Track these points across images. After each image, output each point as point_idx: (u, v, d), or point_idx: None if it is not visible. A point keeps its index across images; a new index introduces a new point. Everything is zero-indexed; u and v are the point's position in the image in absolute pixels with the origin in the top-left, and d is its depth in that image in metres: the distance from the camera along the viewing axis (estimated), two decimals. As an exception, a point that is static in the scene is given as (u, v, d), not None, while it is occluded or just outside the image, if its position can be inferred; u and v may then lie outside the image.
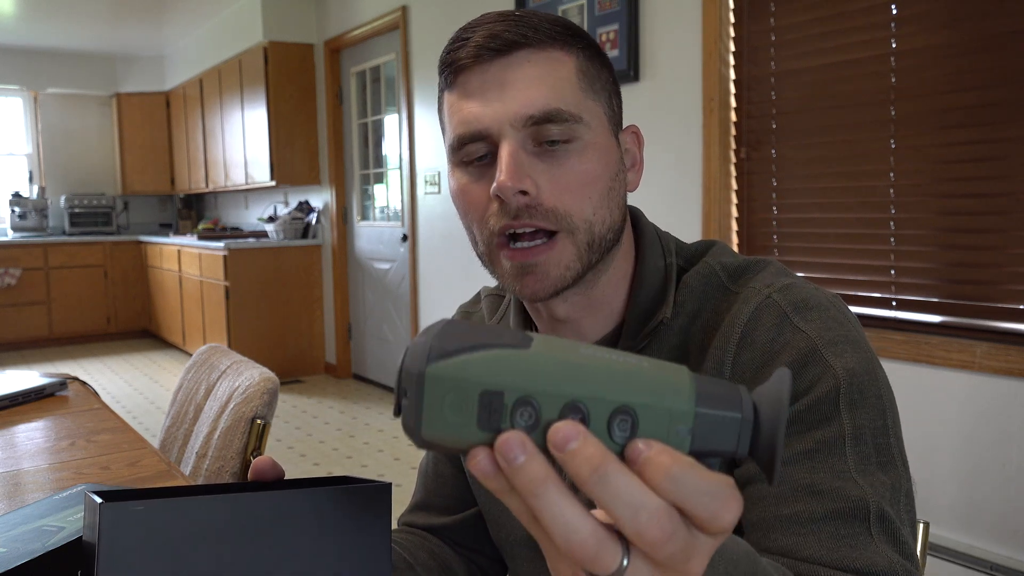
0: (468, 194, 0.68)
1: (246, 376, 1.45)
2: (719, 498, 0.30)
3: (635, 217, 0.76)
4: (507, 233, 0.66)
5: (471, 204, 0.68)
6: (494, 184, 0.64)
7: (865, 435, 0.61)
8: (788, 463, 0.61)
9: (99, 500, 0.45)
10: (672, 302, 0.71)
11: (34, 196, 7.09)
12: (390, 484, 0.53)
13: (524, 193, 0.64)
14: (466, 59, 0.66)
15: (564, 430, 0.31)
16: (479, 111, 0.65)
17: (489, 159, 0.66)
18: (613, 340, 0.74)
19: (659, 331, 0.71)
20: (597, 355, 0.33)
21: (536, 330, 0.79)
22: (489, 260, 0.69)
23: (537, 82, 0.65)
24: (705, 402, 0.32)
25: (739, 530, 0.63)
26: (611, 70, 0.72)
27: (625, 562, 0.31)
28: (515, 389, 0.32)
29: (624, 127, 0.73)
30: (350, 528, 0.51)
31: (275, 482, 0.56)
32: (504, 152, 0.64)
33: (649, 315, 0.71)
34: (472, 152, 0.67)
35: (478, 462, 0.32)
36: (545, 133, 0.64)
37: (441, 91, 0.70)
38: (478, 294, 0.93)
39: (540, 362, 0.32)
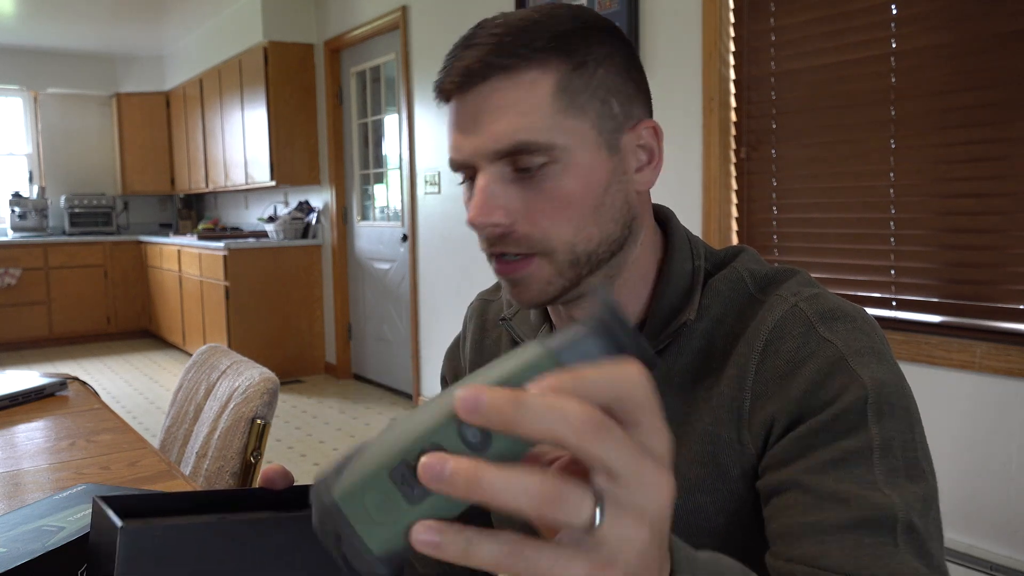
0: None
1: (246, 376, 1.45)
2: (612, 370, 0.31)
3: (665, 218, 0.76)
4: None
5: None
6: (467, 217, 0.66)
7: (894, 447, 0.60)
8: (814, 472, 0.60)
9: (119, 522, 0.45)
10: (697, 305, 0.70)
11: (34, 196, 7.09)
12: None
13: (497, 224, 0.65)
14: (449, 87, 0.67)
15: (466, 395, 0.29)
16: (459, 142, 0.67)
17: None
18: None
19: (682, 332, 0.70)
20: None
21: (552, 327, 0.79)
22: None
23: (503, 114, 0.64)
24: (555, 341, 0.33)
25: (764, 543, 0.62)
26: (615, 67, 0.66)
27: (599, 511, 0.30)
28: (414, 443, 0.31)
29: (636, 123, 0.68)
30: None
31: (284, 491, 0.55)
32: (477, 187, 0.66)
33: (672, 316, 0.71)
34: (464, 174, 0.69)
35: (422, 532, 0.30)
36: (520, 162, 0.65)
37: None
38: (499, 282, 0.92)
39: (416, 412, 0.33)
